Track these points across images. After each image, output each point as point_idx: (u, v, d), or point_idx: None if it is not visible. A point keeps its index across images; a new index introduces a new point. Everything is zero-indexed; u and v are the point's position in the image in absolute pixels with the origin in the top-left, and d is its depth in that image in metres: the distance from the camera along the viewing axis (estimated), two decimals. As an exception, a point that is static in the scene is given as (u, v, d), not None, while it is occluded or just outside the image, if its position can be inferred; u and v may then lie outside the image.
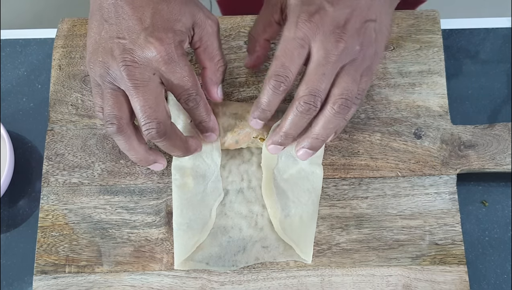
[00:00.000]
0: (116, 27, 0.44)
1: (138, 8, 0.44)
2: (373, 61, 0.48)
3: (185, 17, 0.46)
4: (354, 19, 0.46)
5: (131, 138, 0.47)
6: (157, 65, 0.44)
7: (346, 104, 0.46)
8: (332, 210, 0.52)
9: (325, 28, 0.46)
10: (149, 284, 0.50)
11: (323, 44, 0.46)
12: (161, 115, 0.45)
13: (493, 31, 0.61)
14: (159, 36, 0.44)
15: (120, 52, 0.44)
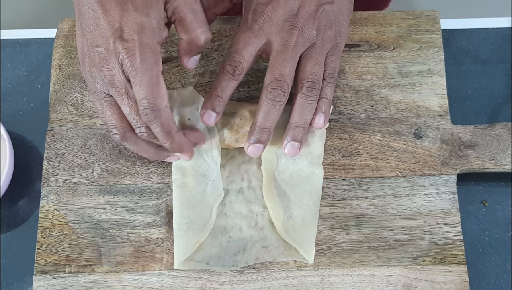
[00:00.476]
0: (93, 35, 0.44)
1: (108, 12, 0.43)
2: (337, 41, 0.50)
3: (152, 7, 0.44)
4: (308, 5, 0.48)
5: (138, 141, 0.47)
6: (125, 70, 0.43)
7: (313, 86, 0.48)
8: (332, 210, 0.52)
9: (279, 18, 0.48)
10: (149, 284, 0.50)
11: (279, 34, 0.48)
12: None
13: (493, 31, 0.61)
14: (125, 40, 0.43)
15: (99, 61, 0.44)
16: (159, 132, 0.45)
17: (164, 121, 0.44)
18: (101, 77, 0.44)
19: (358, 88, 0.56)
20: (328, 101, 0.50)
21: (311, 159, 0.52)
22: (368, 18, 0.58)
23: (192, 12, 0.45)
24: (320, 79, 0.49)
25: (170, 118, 0.45)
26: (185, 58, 0.48)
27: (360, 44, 0.57)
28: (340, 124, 0.55)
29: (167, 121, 0.45)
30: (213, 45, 0.57)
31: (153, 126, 0.44)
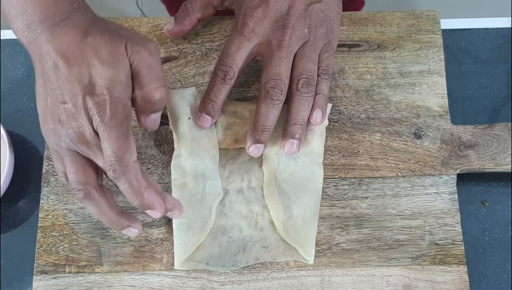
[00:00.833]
0: (58, 92, 0.42)
1: (73, 67, 0.42)
2: (330, 38, 0.51)
3: (119, 60, 0.43)
4: (297, 5, 0.49)
5: (101, 202, 0.44)
6: (95, 126, 0.42)
7: (308, 82, 0.49)
8: (332, 210, 0.52)
9: (269, 19, 0.49)
10: (149, 284, 0.50)
11: (272, 34, 0.49)
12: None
13: (493, 31, 0.61)
14: (95, 95, 0.42)
15: (66, 118, 0.42)
16: (127, 189, 0.43)
17: (132, 177, 0.42)
18: (68, 134, 0.42)
19: (358, 88, 0.56)
20: (324, 97, 0.50)
21: (312, 158, 0.52)
22: (368, 18, 0.58)
23: (147, 67, 0.44)
24: (314, 76, 0.49)
25: (139, 174, 0.43)
26: (141, 117, 0.46)
27: (360, 44, 0.57)
28: (340, 124, 0.55)
29: (136, 178, 0.43)
30: (213, 45, 0.57)
31: (121, 183, 0.42)
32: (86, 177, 0.44)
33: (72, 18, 0.43)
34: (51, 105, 0.43)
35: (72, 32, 0.43)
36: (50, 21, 0.43)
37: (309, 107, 0.50)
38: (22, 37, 0.43)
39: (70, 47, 0.42)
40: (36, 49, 0.43)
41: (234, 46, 0.49)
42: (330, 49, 0.51)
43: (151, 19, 0.58)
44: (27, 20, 0.43)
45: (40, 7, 0.43)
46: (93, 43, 0.43)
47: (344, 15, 0.58)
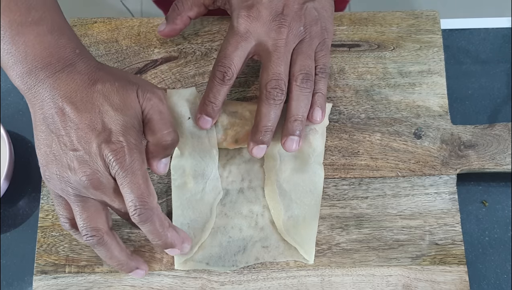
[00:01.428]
0: (67, 138, 0.42)
1: (84, 114, 0.42)
2: (325, 36, 0.51)
3: (131, 107, 0.44)
4: (292, 4, 0.49)
5: (112, 246, 0.45)
6: (113, 173, 0.42)
7: (307, 78, 0.49)
8: (332, 210, 0.52)
9: (265, 19, 0.49)
10: (149, 284, 0.50)
11: (268, 34, 0.49)
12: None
13: (493, 31, 0.61)
14: (112, 142, 0.42)
15: (78, 165, 0.42)
16: (151, 231, 0.44)
17: (157, 220, 0.44)
18: (79, 181, 0.42)
19: (358, 88, 0.56)
20: (323, 95, 0.51)
21: (313, 157, 0.52)
22: (368, 18, 0.58)
23: (159, 114, 0.45)
24: (312, 72, 0.49)
25: (162, 216, 0.44)
26: (153, 162, 0.46)
27: (360, 44, 0.57)
28: (340, 124, 0.55)
29: (160, 220, 0.44)
30: (213, 45, 0.57)
31: (146, 226, 0.43)
32: (98, 222, 0.44)
33: (76, 64, 0.43)
34: (57, 151, 0.43)
35: (78, 79, 0.43)
36: (52, 68, 0.42)
37: (309, 104, 0.50)
38: (20, 84, 0.43)
39: (78, 93, 0.42)
40: (37, 95, 0.42)
41: (231, 46, 0.49)
42: (325, 48, 0.51)
43: (151, 19, 0.58)
44: (27, 67, 0.42)
45: (41, 54, 0.42)
46: (103, 90, 0.43)
47: (344, 15, 0.58)
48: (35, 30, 0.42)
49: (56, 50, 0.43)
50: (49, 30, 0.43)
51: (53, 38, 0.43)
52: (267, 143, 0.49)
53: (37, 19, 0.42)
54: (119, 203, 0.44)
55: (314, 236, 0.51)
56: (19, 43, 0.42)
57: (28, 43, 0.42)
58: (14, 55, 0.42)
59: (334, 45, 0.57)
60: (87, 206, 0.44)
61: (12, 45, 0.42)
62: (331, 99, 0.55)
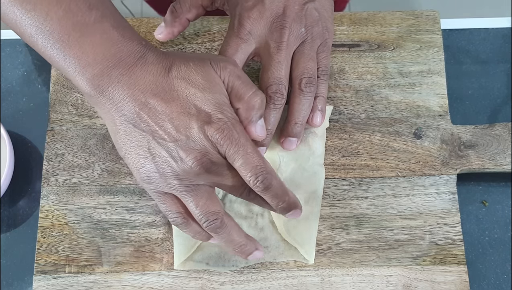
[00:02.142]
0: (163, 132, 0.41)
1: (172, 104, 0.41)
2: (326, 37, 0.50)
3: (216, 84, 0.43)
4: (292, 5, 0.49)
5: (232, 228, 0.44)
6: (222, 151, 0.42)
7: (310, 82, 0.48)
8: (332, 210, 0.52)
9: (266, 20, 0.48)
10: (149, 284, 0.50)
11: (269, 35, 0.48)
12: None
13: (493, 31, 0.61)
14: (212, 122, 0.41)
15: (186, 153, 0.40)
16: (275, 195, 0.43)
17: (277, 182, 0.43)
18: (190, 169, 0.41)
19: (358, 88, 0.56)
20: (324, 99, 0.51)
21: (313, 159, 0.52)
22: (368, 18, 0.58)
23: (238, 78, 0.44)
24: (315, 75, 0.49)
25: (279, 178, 0.44)
26: (251, 127, 0.45)
27: (360, 44, 0.57)
28: (340, 124, 0.55)
29: (280, 182, 0.44)
30: (213, 45, 0.57)
31: (269, 191, 0.43)
32: (215, 206, 0.43)
33: (146, 56, 0.42)
34: (155, 148, 0.41)
35: (153, 70, 0.41)
36: (124, 64, 0.41)
37: (310, 107, 0.49)
38: (91, 89, 0.41)
39: (158, 84, 0.41)
40: (112, 97, 0.41)
41: (231, 48, 0.48)
42: (327, 49, 0.51)
43: (151, 19, 0.58)
44: (98, 68, 0.40)
45: (111, 51, 0.40)
46: (181, 74, 0.42)
47: (344, 15, 0.58)
48: (100, 28, 0.40)
49: (124, 44, 0.41)
50: (113, 26, 0.41)
51: (118, 33, 0.41)
52: (266, 145, 0.49)
53: (99, 17, 0.40)
54: (233, 178, 0.43)
55: (314, 236, 0.51)
56: (85, 44, 0.40)
57: (95, 42, 0.40)
58: (81, 59, 0.40)
59: (334, 45, 0.57)
60: (201, 193, 0.43)
61: (79, 48, 0.40)
62: (331, 99, 0.55)
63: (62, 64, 0.40)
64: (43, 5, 0.39)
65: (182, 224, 0.45)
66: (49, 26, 0.39)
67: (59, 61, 0.40)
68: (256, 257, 0.46)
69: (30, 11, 0.39)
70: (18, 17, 0.40)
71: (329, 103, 0.55)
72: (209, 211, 0.43)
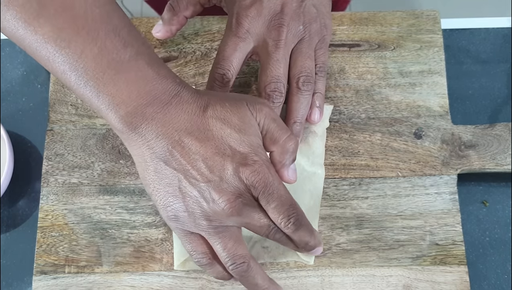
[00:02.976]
0: (195, 172, 0.40)
1: (207, 143, 0.40)
2: (324, 34, 0.50)
3: (251, 125, 0.42)
4: (290, 2, 0.49)
5: (257, 272, 0.44)
6: (255, 193, 0.41)
7: (308, 80, 0.48)
8: (332, 210, 0.52)
9: (264, 18, 0.48)
10: (149, 285, 0.50)
11: (267, 34, 0.48)
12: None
13: (493, 31, 0.61)
14: (248, 164, 0.40)
15: (218, 195, 0.40)
16: (305, 233, 0.43)
17: (307, 221, 0.44)
18: (222, 210, 0.40)
19: (359, 88, 0.56)
20: (322, 95, 0.51)
21: (313, 158, 0.52)
22: (368, 18, 0.58)
23: (273, 122, 0.43)
24: (313, 73, 0.49)
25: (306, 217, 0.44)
26: (284, 171, 0.44)
27: (361, 44, 0.57)
28: (340, 124, 0.55)
29: (308, 221, 0.44)
30: (213, 45, 0.57)
31: (301, 229, 0.43)
32: (243, 249, 0.43)
33: (181, 94, 0.41)
34: (186, 188, 0.40)
35: (188, 108, 0.40)
36: (159, 102, 0.40)
37: (309, 105, 0.50)
38: (123, 126, 0.40)
39: (192, 123, 0.40)
40: (144, 134, 0.40)
41: (229, 48, 0.48)
42: (325, 45, 0.51)
43: (151, 19, 0.58)
44: (132, 106, 0.39)
45: (145, 89, 0.40)
46: (216, 115, 0.41)
47: (345, 15, 0.58)
48: (134, 65, 0.40)
49: (159, 82, 0.40)
50: (148, 63, 0.40)
51: (153, 71, 0.40)
52: None
53: (134, 54, 0.40)
54: (262, 220, 0.42)
55: (314, 236, 0.51)
56: (120, 82, 0.39)
57: (130, 80, 0.39)
58: (115, 97, 0.39)
59: (334, 45, 0.57)
60: (229, 234, 0.42)
61: (113, 86, 0.39)
62: (331, 99, 0.55)
63: (95, 101, 0.40)
64: (78, 42, 0.38)
65: (207, 265, 0.44)
66: (83, 64, 0.39)
67: (92, 98, 0.40)
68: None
69: (64, 48, 0.38)
70: (51, 54, 0.39)
71: (329, 103, 0.55)
72: (236, 254, 0.42)
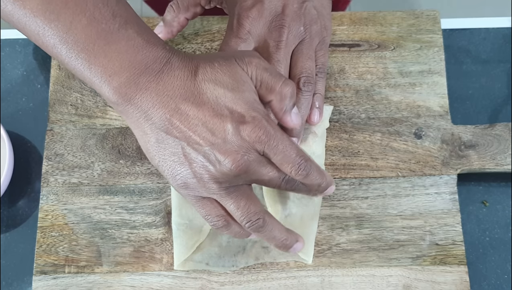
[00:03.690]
0: (197, 137, 0.40)
1: (203, 107, 0.40)
2: (324, 35, 0.51)
3: (244, 82, 0.42)
4: (291, 3, 0.49)
5: (274, 225, 0.44)
6: (260, 149, 0.41)
7: (309, 81, 0.49)
8: (332, 210, 0.52)
9: (265, 19, 0.48)
10: (149, 285, 0.50)
11: (268, 34, 0.48)
12: None
13: (493, 31, 0.61)
14: (246, 122, 0.40)
15: (223, 156, 0.40)
16: (316, 176, 0.43)
17: (316, 163, 0.43)
18: (230, 171, 0.40)
19: (359, 88, 0.56)
20: (321, 96, 0.51)
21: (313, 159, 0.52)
22: (368, 18, 0.58)
23: (266, 71, 0.43)
24: (313, 74, 0.49)
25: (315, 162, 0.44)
26: (286, 117, 0.44)
27: (361, 44, 0.57)
28: (340, 124, 0.55)
29: (317, 166, 0.43)
30: (213, 45, 0.57)
31: (311, 174, 0.42)
32: (256, 206, 0.43)
33: (172, 60, 0.41)
34: (190, 154, 0.40)
35: (180, 74, 0.40)
36: (151, 70, 0.40)
37: (309, 106, 0.50)
38: (118, 98, 0.40)
39: (186, 89, 0.40)
40: (140, 105, 0.40)
41: (231, 48, 0.48)
42: (324, 47, 0.51)
43: (151, 19, 0.58)
44: (125, 76, 0.39)
45: (137, 58, 0.39)
46: (207, 77, 0.41)
47: (345, 15, 0.58)
48: (124, 35, 0.39)
49: (149, 51, 0.40)
50: (137, 32, 0.40)
51: (143, 39, 0.40)
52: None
53: (123, 23, 0.40)
54: (270, 173, 0.42)
55: (312, 236, 0.51)
56: (111, 52, 0.39)
57: (121, 49, 0.39)
58: (107, 68, 0.39)
59: (334, 45, 0.57)
60: (240, 193, 0.42)
61: (104, 56, 0.39)
62: (331, 99, 0.55)
63: (87, 74, 0.40)
64: (67, 14, 0.38)
65: (223, 227, 0.44)
66: (73, 36, 0.39)
67: (84, 71, 0.40)
68: (297, 249, 0.46)
69: (54, 21, 0.38)
70: (40, 27, 0.39)
71: (329, 103, 0.55)
72: (250, 212, 0.42)
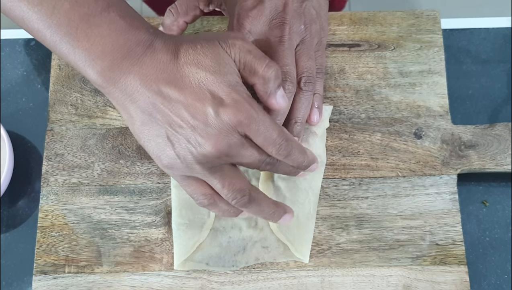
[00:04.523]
0: (179, 120, 0.40)
1: (185, 90, 0.40)
2: (322, 36, 0.51)
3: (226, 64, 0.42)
4: (291, 2, 0.49)
5: (260, 199, 0.44)
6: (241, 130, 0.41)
7: (309, 81, 0.49)
8: (332, 210, 0.52)
9: (266, 18, 0.48)
10: (149, 285, 0.50)
11: (270, 32, 0.48)
12: None
13: (493, 31, 0.61)
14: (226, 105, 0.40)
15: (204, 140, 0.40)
16: (297, 155, 0.44)
17: (297, 142, 0.44)
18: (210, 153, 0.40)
19: (359, 88, 0.56)
20: (321, 96, 0.51)
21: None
22: (368, 18, 0.58)
23: (249, 53, 0.43)
24: (314, 74, 0.49)
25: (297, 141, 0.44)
26: (271, 100, 0.44)
27: (361, 44, 0.57)
28: (340, 124, 0.55)
29: (299, 145, 0.44)
30: (213, 45, 0.57)
31: (292, 154, 0.43)
32: (241, 183, 0.43)
33: (155, 44, 0.41)
34: (173, 136, 0.41)
35: (163, 57, 0.40)
36: (133, 53, 0.40)
37: (309, 105, 0.50)
38: (102, 81, 0.40)
39: (169, 72, 0.40)
40: (125, 88, 0.40)
41: None
42: (322, 47, 0.51)
43: (150, 19, 0.58)
44: (108, 60, 0.39)
45: (119, 41, 0.40)
46: (189, 60, 0.41)
47: (345, 15, 0.58)
48: (107, 18, 0.40)
49: (132, 34, 0.40)
50: (120, 15, 0.40)
51: (126, 22, 0.40)
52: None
53: (106, 6, 0.40)
54: (252, 154, 0.42)
55: (309, 235, 0.51)
56: (93, 36, 0.39)
57: (104, 33, 0.39)
58: (90, 52, 0.39)
59: (334, 45, 0.57)
60: (224, 173, 0.43)
61: (87, 40, 0.39)
62: (331, 99, 0.55)
63: (71, 58, 0.40)
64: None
65: (210, 205, 0.44)
66: (56, 20, 0.39)
67: (69, 55, 0.40)
68: (287, 220, 0.46)
69: (37, 5, 0.39)
70: (25, 12, 0.39)
71: (329, 103, 0.55)
72: (235, 189, 0.43)
